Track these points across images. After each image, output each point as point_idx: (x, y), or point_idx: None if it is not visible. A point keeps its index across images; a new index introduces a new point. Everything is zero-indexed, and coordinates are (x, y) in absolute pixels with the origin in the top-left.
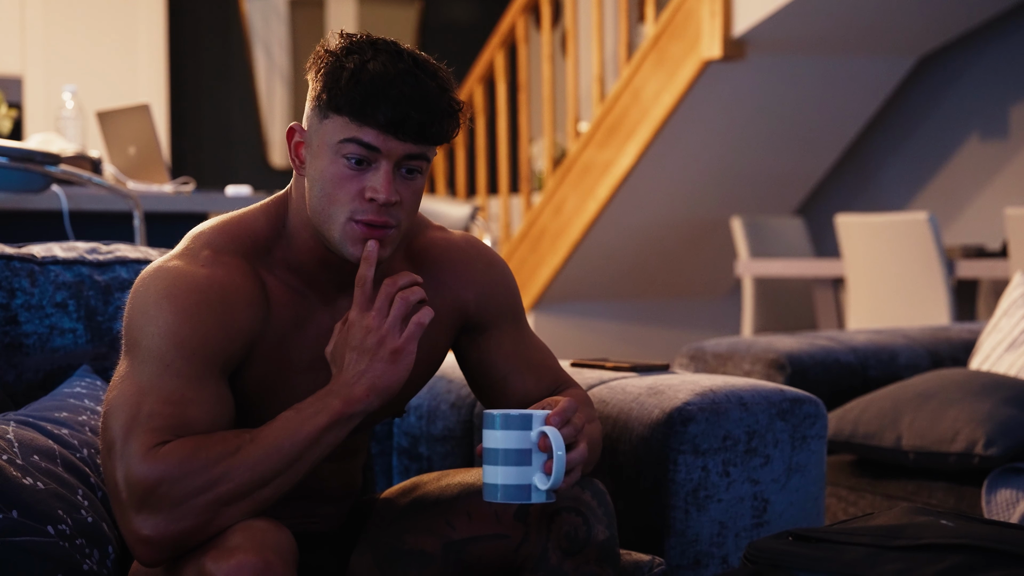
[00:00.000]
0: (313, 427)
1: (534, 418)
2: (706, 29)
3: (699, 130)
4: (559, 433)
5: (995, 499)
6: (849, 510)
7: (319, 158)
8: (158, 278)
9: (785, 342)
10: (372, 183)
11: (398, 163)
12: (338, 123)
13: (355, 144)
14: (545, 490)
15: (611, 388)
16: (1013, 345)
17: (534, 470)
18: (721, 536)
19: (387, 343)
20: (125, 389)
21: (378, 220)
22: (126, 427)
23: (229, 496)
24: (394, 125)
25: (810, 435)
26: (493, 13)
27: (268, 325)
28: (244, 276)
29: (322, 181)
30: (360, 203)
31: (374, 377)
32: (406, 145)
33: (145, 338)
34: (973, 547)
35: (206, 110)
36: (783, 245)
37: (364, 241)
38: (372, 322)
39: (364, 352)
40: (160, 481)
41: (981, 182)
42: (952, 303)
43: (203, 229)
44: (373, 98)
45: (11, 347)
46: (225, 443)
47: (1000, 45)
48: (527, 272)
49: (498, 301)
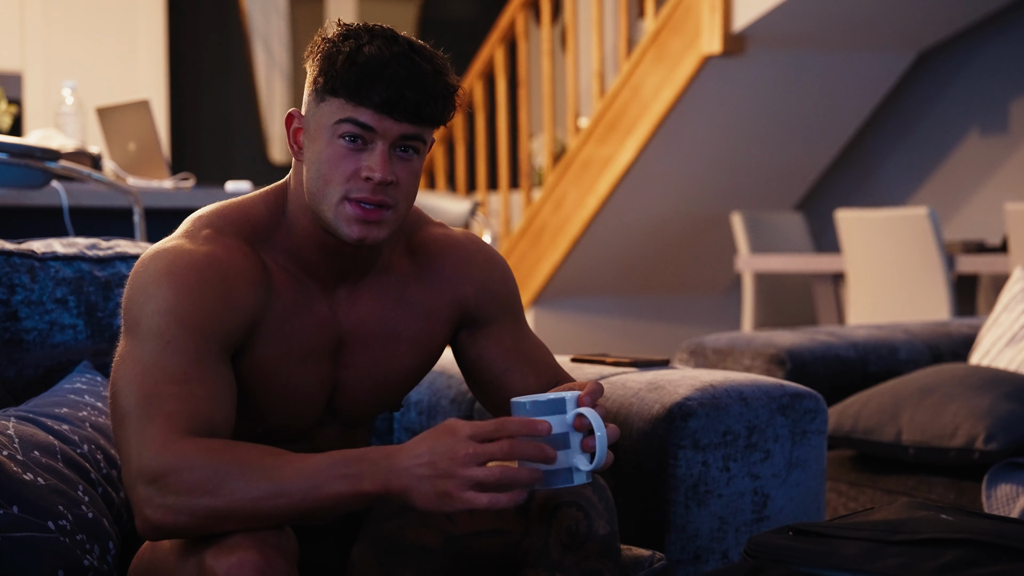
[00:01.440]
0: (334, 491)
1: (567, 400)
2: (706, 24)
3: (699, 125)
4: (596, 412)
5: (995, 494)
6: (849, 505)
7: (316, 141)
8: (157, 258)
9: (785, 337)
10: (368, 163)
11: (394, 144)
12: (334, 105)
13: (351, 124)
14: (587, 471)
15: (611, 383)
16: (1013, 340)
17: (573, 452)
18: (721, 531)
19: (451, 481)
20: (129, 369)
21: (373, 199)
22: (139, 408)
23: (231, 513)
24: (389, 105)
25: (810, 430)
26: (493, 9)
27: (269, 308)
28: (244, 256)
29: (319, 162)
30: (356, 182)
31: (416, 488)
32: (401, 125)
33: (145, 316)
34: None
35: (206, 106)
36: (783, 240)
37: (359, 221)
38: (464, 453)
39: (433, 463)
40: (173, 471)
41: (981, 177)
42: (952, 298)
43: (203, 212)
44: (368, 78)
45: (11, 343)
46: (247, 460)
47: (1000, 40)
48: (527, 268)
49: (497, 297)
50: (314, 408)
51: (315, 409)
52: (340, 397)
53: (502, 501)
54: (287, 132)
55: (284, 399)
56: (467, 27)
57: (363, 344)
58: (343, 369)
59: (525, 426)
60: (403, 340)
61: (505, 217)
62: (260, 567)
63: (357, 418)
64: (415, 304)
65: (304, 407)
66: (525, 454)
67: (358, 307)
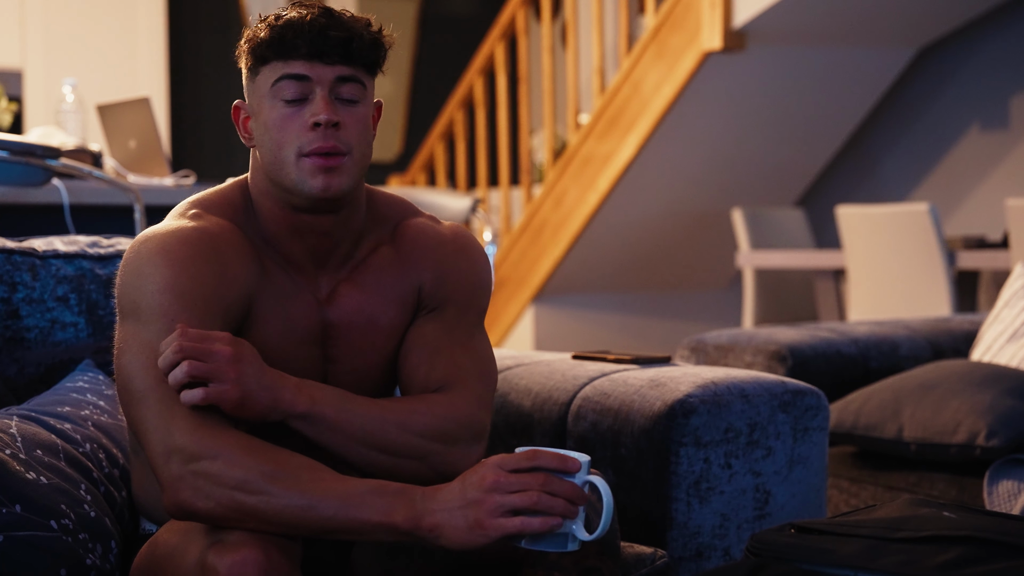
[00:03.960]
0: (364, 517)
1: (583, 464)
2: (706, 20)
3: (699, 122)
4: (606, 484)
5: (997, 490)
6: (851, 502)
7: (260, 113)
8: (148, 241)
9: (786, 334)
10: (311, 111)
11: (331, 90)
12: (268, 71)
13: (286, 80)
14: (581, 540)
15: (613, 380)
16: (1014, 336)
17: (576, 518)
18: (723, 528)
19: (481, 509)
20: (137, 353)
21: (326, 146)
22: (159, 389)
23: (260, 514)
24: (317, 49)
25: (812, 427)
26: (493, 5)
27: (263, 285)
28: (233, 232)
29: (268, 131)
30: (304, 135)
31: (447, 523)
32: (335, 68)
33: (144, 297)
34: (975, 539)
35: (206, 103)
36: (784, 236)
37: (319, 171)
38: (492, 479)
39: (464, 494)
40: (212, 457)
41: (982, 173)
42: (953, 294)
43: (187, 200)
44: (291, 32)
45: (13, 341)
46: (286, 469)
47: (1001, 35)
48: (528, 265)
49: (452, 286)
50: None
51: None
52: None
53: (534, 525)
54: (236, 124)
55: None
56: (467, 23)
57: (346, 335)
58: (331, 364)
59: (557, 460)
60: (379, 329)
61: (506, 214)
62: (262, 565)
63: None
64: (388, 291)
65: None
66: (560, 491)
67: (340, 297)
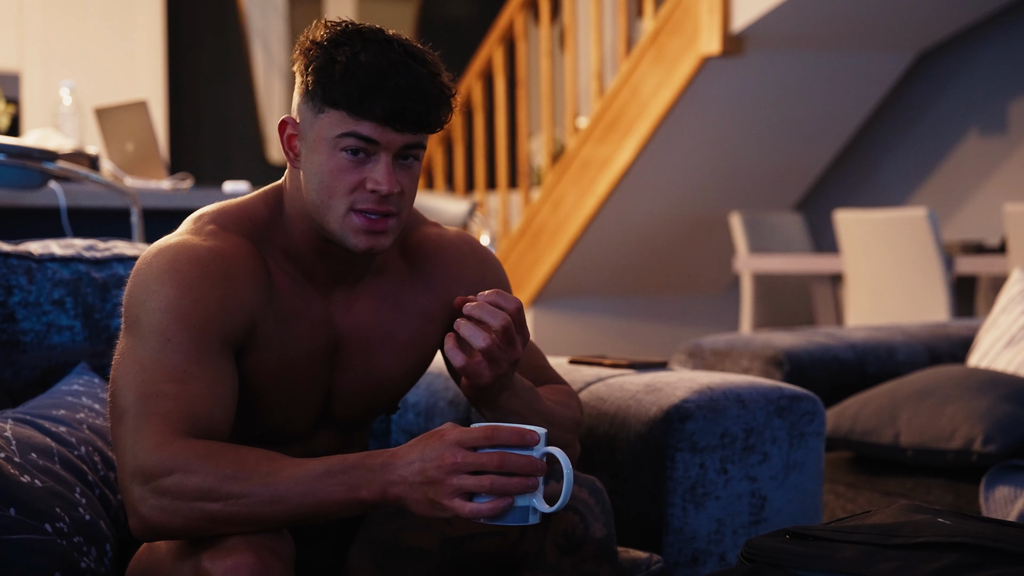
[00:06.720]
0: (330, 498)
1: (541, 435)
2: (705, 24)
3: (698, 126)
4: (565, 454)
5: (993, 496)
6: (847, 507)
7: (316, 152)
8: (160, 254)
9: (783, 339)
10: (373, 175)
11: (396, 153)
12: (334, 117)
13: (354, 138)
14: (542, 512)
15: (609, 385)
16: (1012, 341)
17: (535, 492)
18: (719, 533)
19: (439, 488)
20: (129, 367)
21: (380, 209)
22: (136, 406)
23: (226, 518)
24: (392, 117)
25: (808, 432)
26: (491, 9)
27: (270, 307)
28: (248, 253)
29: (320, 174)
30: (361, 193)
31: (409, 495)
32: (404, 136)
33: (145, 313)
34: (970, 545)
35: (204, 106)
36: (782, 241)
37: (367, 232)
38: (451, 461)
39: (423, 471)
40: (169, 472)
41: (980, 178)
42: (951, 299)
43: (207, 210)
44: (370, 92)
45: (8, 344)
46: (243, 465)
47: (999, 40)
48: (525, 268)
49: None
50: (310, 411)
51: (311, 412)
52: (336, 401)
53: (483, 511)
54: (281, 138)
55: (281, 402)
56: (466, 27)
57: (358, 348)
58: (339, 373)
59: (516, 436)
60: (397, 343)
61: (503, 217)
62: (256, 570)
63: (353, 421)
64: (409, 307)
65: (300, 410)
66: (516, 467)
67: (354, 310)
